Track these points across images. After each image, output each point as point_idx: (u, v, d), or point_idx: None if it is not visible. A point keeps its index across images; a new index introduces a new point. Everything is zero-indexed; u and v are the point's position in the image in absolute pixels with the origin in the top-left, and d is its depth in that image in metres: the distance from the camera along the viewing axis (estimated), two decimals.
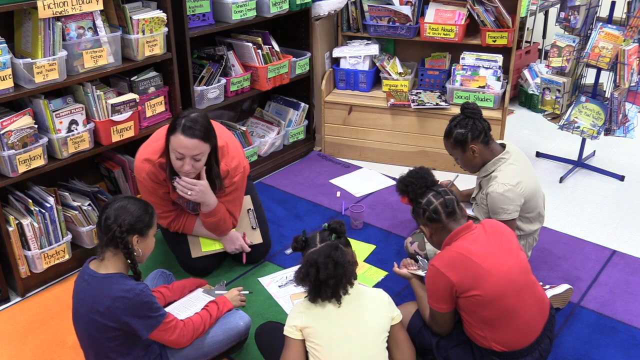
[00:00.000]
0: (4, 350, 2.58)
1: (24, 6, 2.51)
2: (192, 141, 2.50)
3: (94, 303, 2.04)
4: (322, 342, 2.05)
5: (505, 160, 2.72)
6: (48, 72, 2.62)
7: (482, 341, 2.20)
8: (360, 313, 2.10)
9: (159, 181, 2.74)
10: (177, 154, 2.54)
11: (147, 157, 2.70)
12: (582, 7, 3.75)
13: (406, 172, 2.40)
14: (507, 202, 2.63)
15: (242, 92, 3.75)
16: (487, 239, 2.19)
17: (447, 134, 2.77)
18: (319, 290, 2.05)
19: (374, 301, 2.16)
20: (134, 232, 2.07)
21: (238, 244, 2.97)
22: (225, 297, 2.45)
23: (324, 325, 2.07)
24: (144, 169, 2.71)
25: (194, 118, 2.53)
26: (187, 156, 2.54)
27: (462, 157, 2.78)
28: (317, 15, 4.07)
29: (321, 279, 2.02)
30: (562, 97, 3.96)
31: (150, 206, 2.16)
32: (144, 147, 2.78)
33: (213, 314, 2.34)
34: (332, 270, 2.02)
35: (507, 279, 2.13)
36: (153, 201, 2.76)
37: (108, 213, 2.06)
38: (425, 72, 4.18)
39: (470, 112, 2.72)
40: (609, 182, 3.97)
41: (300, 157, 4.32)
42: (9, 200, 2.86)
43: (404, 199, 2.38)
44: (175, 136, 2.51)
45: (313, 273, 2.03)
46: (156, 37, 3.01)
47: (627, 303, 2.83)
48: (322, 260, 2.03)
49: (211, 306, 2.37)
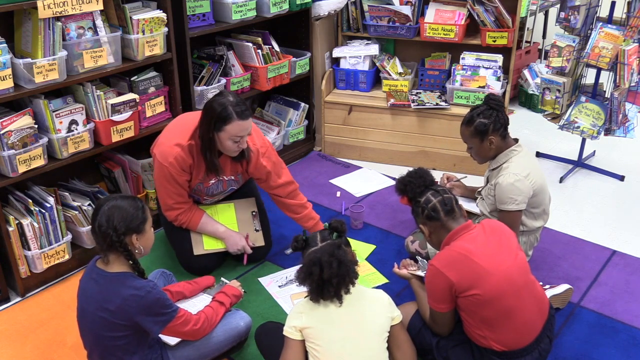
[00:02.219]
0: (4, 350, 2.58)
1: (24, 6, 2.51)
2: (248, 121, 2.64)
3: (104, 301, 2.04)
4: (322, 343, 2.05)
5: (517, 152, 2.73)
6: (48, 72, 2.62)
7: (482, 341, 2.21)
8: (361, 314, 2.10)
9: (185, 167, 2.75)
10: (236, 138, 2.64)
11: (177, 142, 2.72)
12: (582, 7, 3.75)
13: (405, 173, 2.41)
14: (517, 192, 2.64)
15: (242, 92, 3.75)
16: (486, 238, 2.19)
17: (468, 121, 2.75)
18: (322, 290, 2.04)
19: (374, 302, 2.15)
20: (131, 232, 2.06)
21: (240, 245, 2.97)
22: (229, 284, 2.54)
23: (324, 326, 2.07)
24: (172, 154, 2.71)
25: (238, 101, 2.62)
26: (245, 135, 2.66)
27: (478, 147, 2.77)
28: (317, 15, 4.06)
29: (325, 278, 2.01)
30: (562, 97, 3.96)
31: (139, 200, 2.14)
32: (169, 133, 2.80)
33: (225, 301, 2.41)
34: (335, 269, 2.01)
35: (506, 279, 2.13)
36: (171, 190, 2.79)
37: (99, 219, 2.03)
38: (425, 72, 4.18)
39: (495, 104, 2.72)
40: (609, 182, 3.97)
41: (300, 157, 4.32)
42: (9, 200, 2.86)
43: (403, 200, 2.39)
44: (233, 124, 2.59)
45: (317, 272, 2.01)
46: (156, 37, 3.01)
47: (627, 303, 2.83)
48: (325, 258, 2.01)
49: (219, 296, 2.43)
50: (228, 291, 2.49)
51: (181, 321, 2.16)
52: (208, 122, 2.63)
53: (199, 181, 2.86)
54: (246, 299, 2.83)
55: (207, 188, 2.92)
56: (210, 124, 2.62)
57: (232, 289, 2.52)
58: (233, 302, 2.48)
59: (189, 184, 2.85)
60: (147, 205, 2.21)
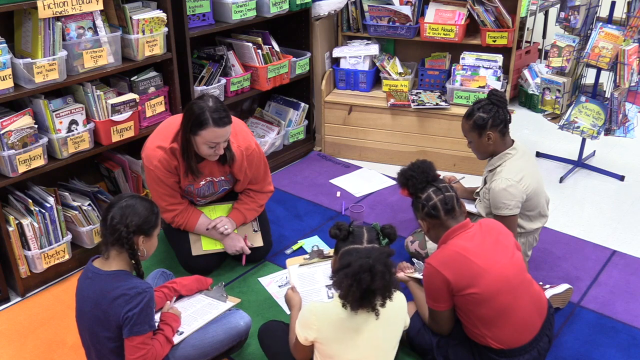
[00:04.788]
0: (4, 350, 2.58)
1: (24, 6, 2.51)
2: (225, 129, 2.60)
3: (98, 300, 2.04)
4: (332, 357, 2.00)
5: (511, 156, 2.72)
6: (48, 72, 2.62)
7: (480, 339, 2.21)
8: (377, 336, 1.99)
9: (170, 169, 2.76)
10: (211, 144, 2.62)
11: (159, 145, 2.73)
12: (582, 7, 3.75)
13: (408, 165, 2.34)
14: (509, 197, 2.63)
15: (242, 92, 3.75)
16: (482, 237, 2.20)
17: (468, 115, 2.75)
18: (363, 300, 1.89)
19: (395, 318, 2.03)
20: (140, 233, 2.07)
21: (239, 246, 2.97)
22: (174, 315, 2.31)
23: (337, 347, 1.98)
24: (155, 157, 2.72)
25: (217, 107, 2.58)
26: (221, 142, 2.62)
27: (476, 142, 2.77)
28: (317, 15, 4.06)
29: (373, 288, 1.86)
30: (562, 97, 3.96)
31: (155, 206, 2.16)
32: (153, 137, 2.81)
33: (170, 336, 2.21)
34: (388, 281, 1.86)
35: (502, 277, 2.14)
36: (161, 192, 2.80)
37: (114, 213, 2.05)
38: (425, 72, 4.18)
39: (497, 100, 2.72)
40: (609, 182, 3.97)
41: (300, 157, 4.32)
42: (9, 200, 2.86)
43: (404, 192, 2.34)
44: (208, 130, 2.57)
45: (367, 280, 1.84)
46: (156, 37, 3.01)
47: (627, 303, 2.83)
48: (380, 268, 1.85)
49: (165, 328, 2.22)
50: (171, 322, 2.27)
51: (142, 344, 2.03)
52: (186, 124, 2.62)
53: (189, 182, 2.85)
54: (246, 299, 2.83)
55: (197, 189, 2.91)
56: (187, 126, 2.61)
57: (171, 316, 2.30)
58: (175, 328, 2.28)
59: (178, 185, 2.85)
60: (160, 216, 2.19)
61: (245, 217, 3.03)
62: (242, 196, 3.06)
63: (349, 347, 1.98)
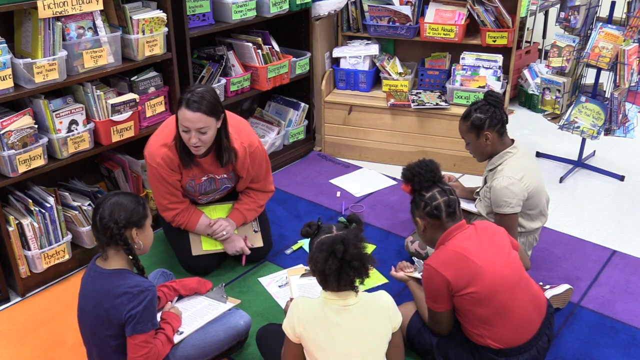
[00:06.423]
0: (4, 350, 2.58)
1: (24, 6, 2.51)
2: (195, 115, 2.57)
3: (100, 299, 2.04)
4: (318, 357, 1.99)
5: (512, 155, 2.73)
6: (48, 72, 2.62)
7: (479, 339, 2.21)
8: (363, 331, 1.99)
9: (173, 166, 2.76)
10: (183, 127, 2.62)
11: (162, 142, 2.75)
12: (582, 7, 3.75)
13: (415, 162, 2.33)
14: (511, 195, 2.63)
15: (242, 92, 3.75)
16: (478, 238, 2.20)
17: (465, 116, 2.76)
18: (340, 274, 1.90)
19: (379, 314, 2.03)
20: (131, 226, 2.08)
21: (239, 247, 2.97)
22: (175, 314, 2.32)
23: (322, 341, 1.97)
24: (158, 154, 2.73)
25: (200, 92, 2.59)
26: (192, 129, 2.60)
27: (474, 143, 2.77)
28: (317, 15, 4.06)
29: (347, 258, 1.88)
30: (562, 97, 3.96)
31: (140, 197, 2.17)
32: (157, 134, 2.82)
33: (170, 335, 2.21)
34: (360, 249, 1.91)
35: (500, 276, 2.14)
36: (163, 190, 2.81)
37: (102, 213, 2.06)
38: (425, 72, 4.18)
39: (493, 100, 2.73)
40: (609, 182, 3.97)
41: (300, 157, 4.32)
42: (9, 200, 2.86)
43: (407, 187, 2.31)
44: (181, 110, 2.59)
45: (340, 250, 1.88)
46: (156, 37, 3.01)
47: (627, 303, 2.83)
48: (351, 237, 1.91)
49: (166, 327, 2.23)
50: (172, 321, 2.28)
51: (145, 341, 2.04)
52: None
53: (190, 178, 2.86)
54: (246, 299, 2.83)
55: (199, 185, 2.91)
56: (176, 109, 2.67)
57: (173, 315, 2.31)
58: (176, 327, 2.29)
59: (180, 183, 2.85)
60: (147, 204, 2.21)
61: (245, 217, 3.03)
62: (242, 196, 3.06)
63: (335, 342, 1.97)
